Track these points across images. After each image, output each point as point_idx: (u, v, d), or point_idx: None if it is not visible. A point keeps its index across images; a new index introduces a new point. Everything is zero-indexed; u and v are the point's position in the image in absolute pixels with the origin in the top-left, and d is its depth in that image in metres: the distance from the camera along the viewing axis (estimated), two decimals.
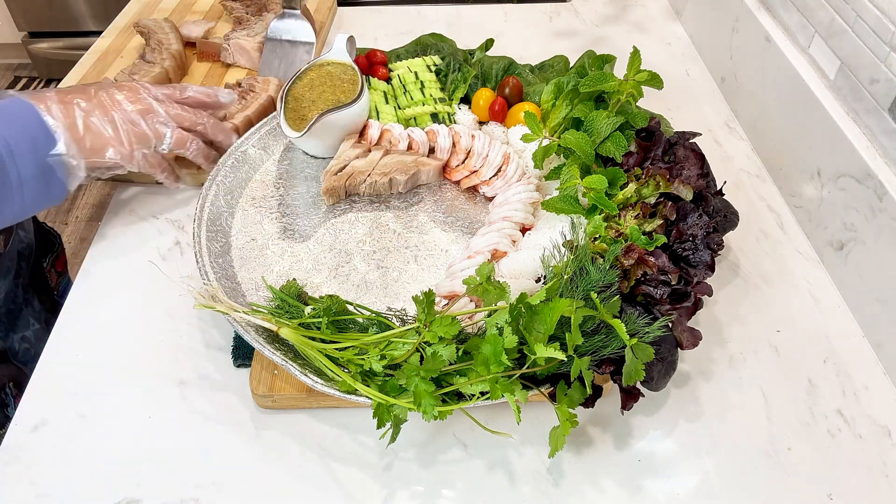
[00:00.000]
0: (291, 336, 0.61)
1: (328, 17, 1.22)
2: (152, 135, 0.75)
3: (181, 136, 0.77)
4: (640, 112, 0.77)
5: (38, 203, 0.69)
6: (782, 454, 0.64)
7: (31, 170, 0.66)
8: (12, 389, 0.87)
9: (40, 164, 0.67)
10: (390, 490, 0.61)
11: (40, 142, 0.67)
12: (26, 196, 0.67)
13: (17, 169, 0.65)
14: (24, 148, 0.66)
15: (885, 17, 0.72)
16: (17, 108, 0.68)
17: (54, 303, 0.99)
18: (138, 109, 0.74)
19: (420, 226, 0.80)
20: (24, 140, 0.66)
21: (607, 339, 0.59)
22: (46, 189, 0.69)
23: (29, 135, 0.67)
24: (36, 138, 0.67)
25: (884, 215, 0.70)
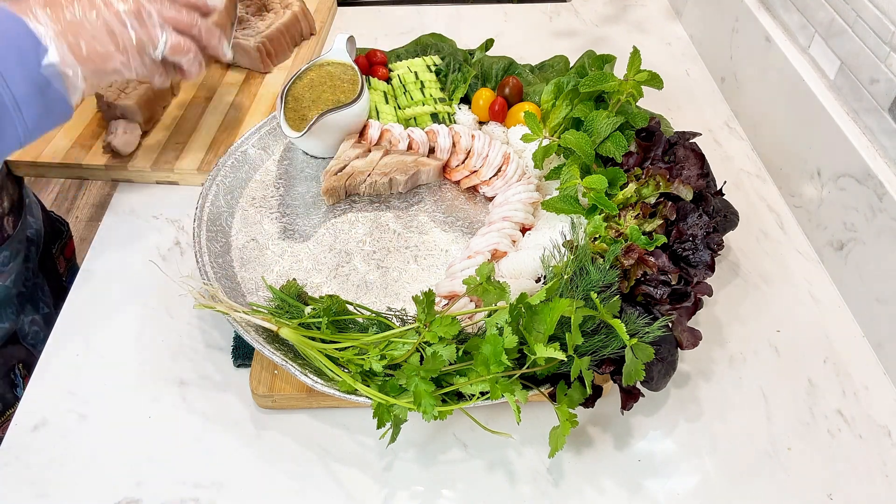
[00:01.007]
0: (291, 336, 0.61)
1: (328, 17, 1.22)
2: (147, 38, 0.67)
3: (177, 40, 0.69)
4: (640, 112, 0.77)
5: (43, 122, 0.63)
6: (782, 454, 0.64)
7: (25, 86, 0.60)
8: (21, 371, 0.88)
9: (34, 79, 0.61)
10: (390, 490, 0.61)
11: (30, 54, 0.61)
12: (27, 116, 0.61)
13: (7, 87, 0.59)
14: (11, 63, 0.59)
15: (885, 17, 0.72)
16: None
17: (63, 288, 1.00)
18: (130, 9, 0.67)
19: (420, 226, 0.80)
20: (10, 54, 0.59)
21: (607, 339, 0.59)
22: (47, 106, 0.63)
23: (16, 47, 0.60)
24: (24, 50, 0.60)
25: (884, 215, 0.70)
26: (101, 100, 0.94)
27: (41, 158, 0.92)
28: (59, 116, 0.65)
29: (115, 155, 0.91)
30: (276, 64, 1.09)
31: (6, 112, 0.60)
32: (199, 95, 1.02)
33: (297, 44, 1.14)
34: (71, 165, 0.91)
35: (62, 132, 0.95)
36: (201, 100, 1.01)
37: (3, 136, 0.60)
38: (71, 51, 0.63)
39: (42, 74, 0.61)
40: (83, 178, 0.94)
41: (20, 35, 0.61)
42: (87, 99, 1.01)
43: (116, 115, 0.94)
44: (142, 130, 0.94)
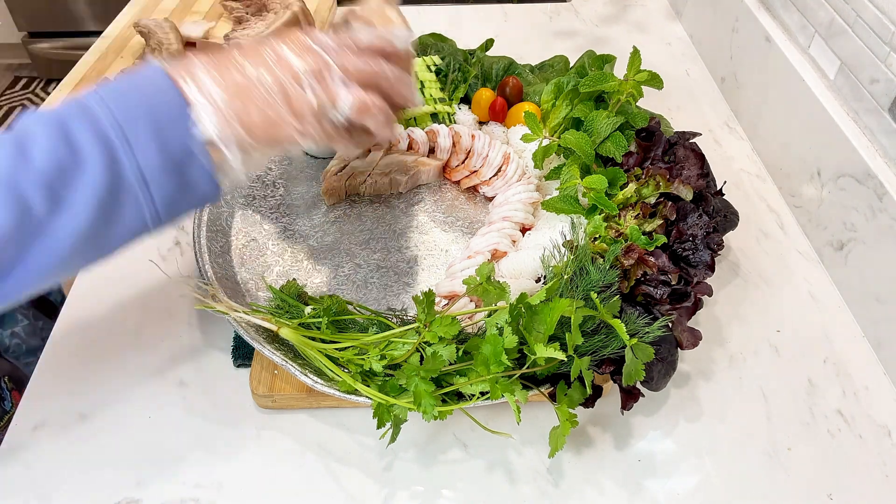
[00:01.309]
0: (291, 336, 0.61)
1: (328, 17, 1.22)
2: (327, 99, 0.54)
3: (362, 99, 0.55)
4: (640, 112, 0.77)
5: (178, 204, 0.52)
6: (782, 454, 0.64)
7: (159, 159, 0.49)
8: (8, 384, 0.86)
9: (172, 151, 0.50)
10: (390, 490, 0.61)
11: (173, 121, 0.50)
12: (156, 195, 0.50)
13: (134, 158, 0.48)
14: (143, 129, 0.49)
15: (885, 17, 0.72)
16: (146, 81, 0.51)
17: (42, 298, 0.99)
18: (310, 67, 0.54)
19: (420, 226, 0.80)
20: (145, 119, 0.49)
21: (607, 339, 0.59)
22: (184, 185, 0.51)
23: (155, 112, 0.50)
24: (166, 117, 0.50)
25: (884, 215, 0.70)
26: None
27: None
28: (200, 198, 0.53)
29: None
30: None
31: (128, 187, 0.49)
32: None
33: None
34: None
35: None
36: None
37: (121, 217, 0.49)
38: (237, 119, 0.52)
39: (184, 147, 0.50)
40: None
41: (166, 98, 0.51)
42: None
43: None
44: None
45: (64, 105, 0.50)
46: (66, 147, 0.47)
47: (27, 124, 0.48)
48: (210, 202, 0.55)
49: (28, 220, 0.46)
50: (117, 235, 0.51)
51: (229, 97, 0.52)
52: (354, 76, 0.55)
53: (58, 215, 0.47)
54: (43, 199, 0.46)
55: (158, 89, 0.51)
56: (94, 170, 0.47)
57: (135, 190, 0.49)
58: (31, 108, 0.50)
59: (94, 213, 0.48)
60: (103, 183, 0.48)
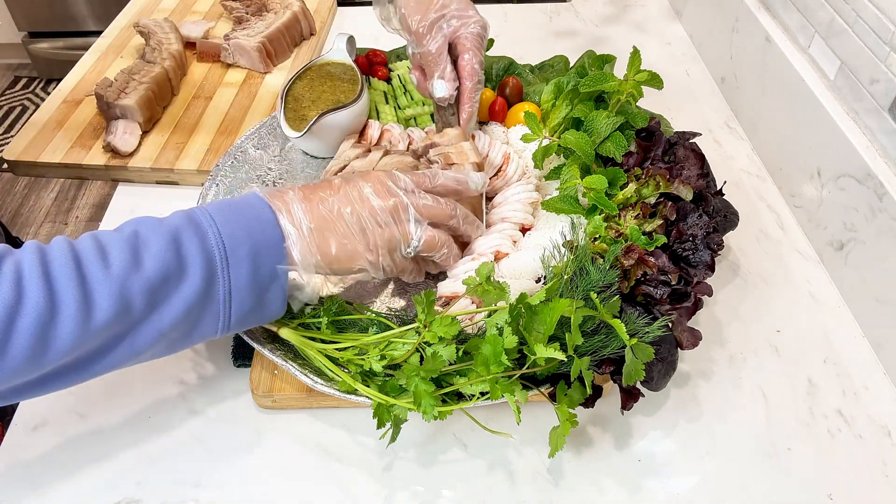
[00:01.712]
0: (291, 336, 0.61)
1: (328, 17, 1.22)
2: (400, 236, 0.61)
3: (431, 236, 0.63)
4: (640, 112, 0.77)
5: (247, 320, 0.57)
6: (782, 454, 0.64)
7: (244, 280, 0.54)
8: None
9: (259, 275, 0.55)
10: (390, 490, 0.61)
11: (265, 249, 0.55)
12: (234, 311, 0.55)
13: (228, 280, 0.53)
14: (242, 254, 0.54)
15: (885, 17, 0.72)
16: (248, 207, 0.57)
17: None
18: (388, 206, 0.60)
19: None
20: (244, 245, 0.54)
21: (607, 339, 0.59)
22: (259, 305, 0.56)
23: (253, 241, 0.55)
24: (260, 245, 0.55)
25: (884, 215, 0.70)
26: (101, 100, 0.95)
27: (41, 158, 0.92)
28: (268, 316, 0.59)
29: (115, 155, 0.91)
30: (276, 64, 1.09)
31: (214, 302, 0.53)
32: (199, 95, 1.02)
33: (297, 44, 1.14)
34: (71, 165, 0.91)
35: (62, 132, 0.95)
36: (201, 100, 1.01)
37: (198, 326, 0.54)
38: (318, 249, 0.58)
39: (272, 272, 0.56)
40: (83, 178, 0.94)
41: (265, 227, 0.56)
42: (86, 98, 1.01)
43: (116, 115, 0.94)
44: (142, 130, 0.94)
45: (175, 216, 0.55)
46: (176, 257, 0.52)
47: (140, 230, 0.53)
48: (272, 319, 0.60)
49: (125, 318, 0.50)
50: (187, 341, 0.55)
51: (315, 230, 0.58)
52: (426, 216, 0.62)
53: (149, 318, 0.51)
54: (143, 303, 0.50)
55: (259, 218, 0.56)
56: (193, 282, 0.52)
57: (218, 305, 0.54)
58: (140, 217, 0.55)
59: (179, 320, 0.52)
60: (197, 296, 0.52)
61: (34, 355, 0.47)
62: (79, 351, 0.49)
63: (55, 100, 1.01)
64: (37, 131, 0.95)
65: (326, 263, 0.59)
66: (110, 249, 0.51)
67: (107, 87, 0.95)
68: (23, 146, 0.93)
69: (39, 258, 0.49)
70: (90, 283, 0.49)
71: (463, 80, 0.77)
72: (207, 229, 0.54)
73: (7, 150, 0.93)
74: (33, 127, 0.96)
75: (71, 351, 0.48)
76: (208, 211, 0.55)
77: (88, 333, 0.49)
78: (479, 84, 0.78)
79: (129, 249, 0.51)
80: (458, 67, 0.77)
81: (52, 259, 0.49)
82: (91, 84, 1.04)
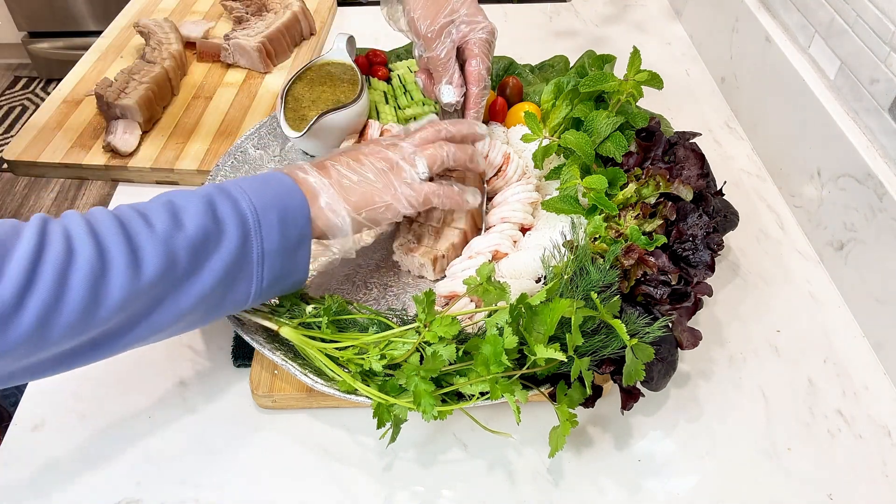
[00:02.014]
0: (291, 335, 0.61)
1: (328, 17, 1.22)
2: (409, 166, 0.67)
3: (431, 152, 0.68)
4: (640, 112, 0.77)
5: (276, 284, 0.59)
6: (782, 454, 0.64)
7: (275, 243, 0.57)
8: None
9: (287, 239, 0.58)
10: (390, 490, 0.61)
11: (291, 214, 0.58)
12: (266, 273, 0.57)
13: (260, 242, 0.56)
14: (272, 218, 0.57)
15: (885, 17, 0.72)
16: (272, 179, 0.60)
17: None
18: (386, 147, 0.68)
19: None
20: (273, 211, 0.57)
21: (607, 339, 0.59)
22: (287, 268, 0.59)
23: (280, 206, 0.58)
24: (287, 210, 0.58)
25: (884, 215, 0.70)
26: (101, 100, 0.95)
27: (41, 158, 0.92)
28: (293, 283, 0.62)
29: (115, 155, 0.91)
30: (276, 64, 1.09)
31: (249, 264, 0.56)
32: (199, 95, 1.02)
33: (297, 44, 1.14)
34: (71, 165, 0.91)
35: (62, 132, 0.95)
36: (201, 100, 1.01)
37: (235, 289, 0.56)
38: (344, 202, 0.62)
39: (299, 236, 0.59)
40: (83, 178, 0.94)
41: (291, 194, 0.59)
42: (86, 98, 1.01)
43: (116, 115, 0.94)
44: (142, 130, 0.94)
45: (205, 187, 0.58)
46: (213, 219, 0.54)
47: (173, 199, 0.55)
48: (297, 288, 0.63)
49: (171, 276, 0.52)
50: (225, 306, 0.57)
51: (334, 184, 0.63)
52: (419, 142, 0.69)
53: (193, 277, 0.53)
54: (187, 260, 0.52)
55: (283, 185, 0.60)
56: (230, 243, 0.54)
57: (252, 267, 0.56)
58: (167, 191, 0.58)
59: (219, 281, 0.54)
60: (234, 255, 0.55)
61: (88, 309, 0.48)
62: (128, 309, 0.50)
63: (55, 100, 1.01)
64: (37, 131, 0.95)
65: (354, 210, 0.63)
66: (150, 213, 0.53)
67: (107, 87, 0.95)
68: (23, 146, 0.93)
69: (84, 220, 0.50)
70: (136, 240, 0.51)
71: (469, 86, 0.78)
72: (238, 196, 0.57)
73: (7, 150, 0.93)
74: (33, 127, 0.96)
75: (122, 307, 0.49)
76: (236, 183, 0.58)
77: (138, 289, 0.50)
78: (486, 90, 0.79)
79: (167, 213, 0.53)
80: (466, 73, 0.78)
81: (96, 220, 0.51)
82: (91, 84, 1.04)
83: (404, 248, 0.74)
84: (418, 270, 0.74)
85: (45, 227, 0.49)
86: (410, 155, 0.67)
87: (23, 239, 0.47)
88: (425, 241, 0.74)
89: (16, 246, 0.47)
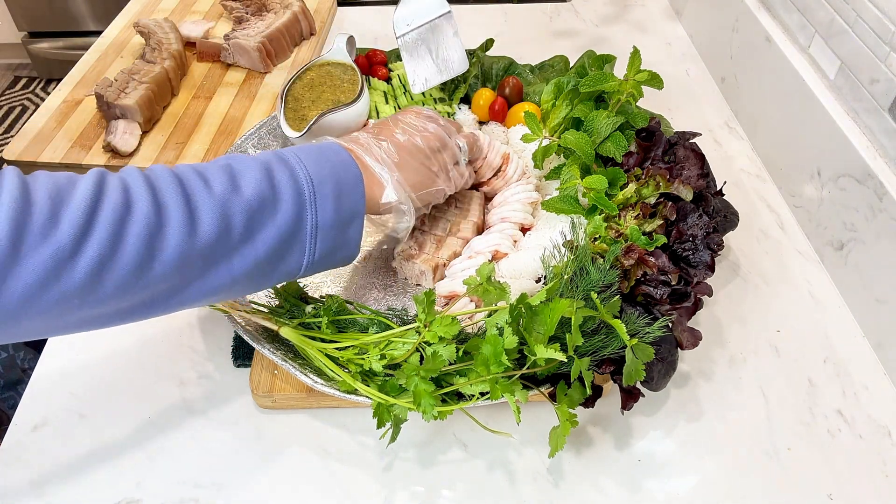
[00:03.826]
0: (292, 335, 0.61)
1: (328, 17, 1.22)
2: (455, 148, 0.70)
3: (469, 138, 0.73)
4: (640, 112, 0.77)
5: (327, 259, 0.58)
6: (782, 454, 0.64)
7: (329, 216, 0.56)
8: None
9: (341, 212, 0.57)
10: (390, 490, 0.61)
11: (347, 188, 0.57)
12: (318, 248, 0.56)
13: (315, 213, 0.55)
14: (327, 191, 0.55)
15: (885, 17, 0.72)
16: (329, 151, 0.59)
17: None
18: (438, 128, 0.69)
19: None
20: (329, 183, 0.56)
21: (607, 339, 0.59)
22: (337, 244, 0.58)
23: (336, 179, 0.57)
24: (343, 183, 0.57)
25: (884, 215, 0.70)
26: (101, 100, 0.95)
27: (41, 158, 0.92)
28: (343, 258, 0.60)
29: (115, 155, 0.91)
30: (276, 64, 1.09)
31: (303, 236, 0.55)
32: (199, 95, 1.02)
33: (297, 44, 1.14)
34: (71, 165, 0.91)
35: (62, 132, 0.95)
36: (201, 100, 1.01)
37: (287, 259, 0.55)
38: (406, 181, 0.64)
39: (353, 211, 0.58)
40: None
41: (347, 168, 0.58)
42: (86, 98, 1.01)
43: (116, 115, 0.94)
44: (142, 130, 0.94)
45: (263, 154, 0.56)
46: (270, 186, 0.53)
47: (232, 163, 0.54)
48: (346, 263, 0.61)
49: (226, 240, 0.51)
50: (275, 275, 0.56)
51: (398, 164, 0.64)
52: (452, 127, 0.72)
53: (247, 243, 0.52)
54: (243, 225, 0.51)
55: (340, 159, 0.59)
56: (286, 212, 0.53)
57: (306, 239, 0.55)
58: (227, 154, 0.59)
59: (272, 250, 0.53)
60: (289, 225, 0.54)
61: (142, 264, 0.46)
62: (182, 271, 0.49)
63: (55, 100, 1.01)
64: (37, 131, 0.95)
65: (413, 189, 0.65)
66: (209, 174, 0.52)
67: (107, 87, 0.95)
68: (23, 146, 0.93)
69: (143, 174, 0.49)
70: (195, 199, 0.50)
71: None
72: (296, 165, 0.55)
73: (7, 150, 0.93)
74: (33, 127, 0.96)
75: (176, 267, 0.48)
76: (295, 152, 0.57)
77: (193, 249, 0.49)
78: None
79: (226, 175, 0.52)
80: None
81: (156, 176, 0.50)
82: (91, 84, 1.04)
83: (405, 255, 0.74)
84: (417, 278, 0.74)
85: (103, 178, 0.48)
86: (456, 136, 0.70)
87: (79, 188, 0.46)
88: (426, 249, 0.74)
89: (72, 194, 0.45)
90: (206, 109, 1.00)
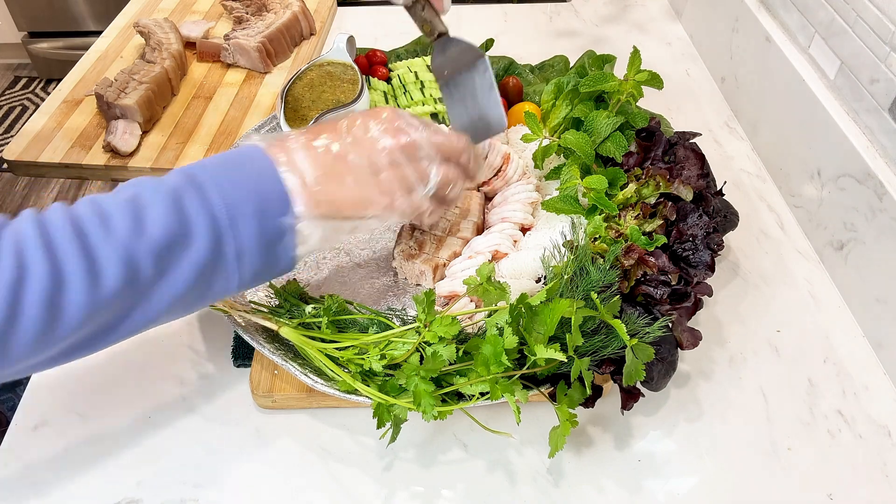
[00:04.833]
0: (292, 335, 0.61)
1: (328, 17, 1.22)
2: (416, 176, 0.57)
3: (446, 173, 0.58)
4: (640, 112, 0.77)
5: (261, 276, 0.55)
6: (782, 454, 0.64)
7: (255, 238, 0.52)
8: None
9: (267, 232, 0.52)
10: (390, 490, 0.61)
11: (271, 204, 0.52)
12: (246, 269, 0.53)
13: (235, 239, 0.51)
14: (247, 211, 0.51)
15: (885, 17, 0.72)
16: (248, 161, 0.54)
17: None
18: (400, 145, 0.56)
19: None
20: (249, 202, 0.51)
21: (607, 339, 0.59)
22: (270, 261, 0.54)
23: (257, 196, 0.52)
24: (265, 200, 0.52)
25: (884, 215, 0.70)
26: (101, 100, 0.95)
27: (41, 158, 0.92)
28: (279, 271, 0.56)
29: (115, 155, 0.91)
30: (276, 64, 1.09)
31: (225, 263, 0.51)
32: (199, 95, 1.02)
33: (297, 44, 1.14)
34: (71, 165, 0.91)
35: (62, 132, 0.95)
36: (201, 100, 1.01)
37: (213, 286, 0.52)
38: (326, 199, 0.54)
39: (278, 229, 0.53)
40: (83, 178, 0.94)
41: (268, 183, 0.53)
42: (86, 98, 1.01)
43: (116, 115, 0.94)
44: (142, 130, 0.94)
45: (175, 176, 0.52)
46: (179, 221, 0.50)
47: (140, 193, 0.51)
48: (284, 273, 0.57)
49: (136, 285, 0.49)
50: (205, 300, 0.54)
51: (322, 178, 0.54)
52: (439, 149, 0.58)
53: (161, 283, 0.50)
54: (152, 267, 0.49)
55: (261, 172, 0.53)
56: (200, 245, 0.50)
57: (230, 265, 0.52)
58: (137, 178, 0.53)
59: (192, 283, 0.51)
60: (206, 257, 0.51)
61: (46, 328, 0.45)
62: (94, 321, 0.48)
63: (55, 100, 1.01)
64: (37, 131, 0.95)
65: (336, 211, 0.55)
66: (111, 213, 0.49)
67: (107, 87, 0.95)
68: (23, 146, 0.93)
69: (38, 228, 0.47)
70: (94, 249, 0.47)
71: None
72: (210, 188, 0.51)
73: (7, 150, 0.93)
74: (33, 127, 0.96)
75: (85, 321, 0.47)
76: (207, 169, 0.53)
77: (99, 302, 0.47)
78: None
79: (130, 214, 0.49)
80: None
81: (52, 228, 0.47)
82: (91, 84, 1.04)
83: (405, 255, 0.73)
84: (417, 278, 0.74)
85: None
86: (427, 164, 0.57)
87: None
88: (426, 249, 0.74)
89: None
90: (206, 109, 1.00)
